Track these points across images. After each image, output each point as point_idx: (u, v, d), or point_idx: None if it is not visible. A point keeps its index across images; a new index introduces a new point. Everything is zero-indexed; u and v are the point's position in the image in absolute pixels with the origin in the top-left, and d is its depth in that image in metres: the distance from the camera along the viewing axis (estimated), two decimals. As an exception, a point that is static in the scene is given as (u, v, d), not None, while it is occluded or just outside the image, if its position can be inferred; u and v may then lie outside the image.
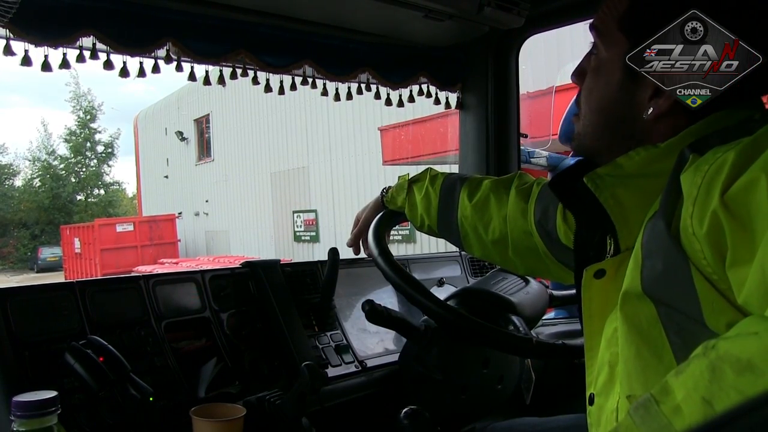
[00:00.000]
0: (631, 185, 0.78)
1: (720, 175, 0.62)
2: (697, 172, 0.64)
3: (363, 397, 1.52)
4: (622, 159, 0.80)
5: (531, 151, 2.31)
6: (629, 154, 0.80)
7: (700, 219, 0.62)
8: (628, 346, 0.73)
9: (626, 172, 0.79)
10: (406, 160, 10.70)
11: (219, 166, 19.79)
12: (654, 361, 0.69)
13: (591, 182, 0.80)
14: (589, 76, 0.88)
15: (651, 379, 0.68)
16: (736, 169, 0.61)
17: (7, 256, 31.37)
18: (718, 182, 0.61)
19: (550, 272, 1.28)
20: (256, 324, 1.48)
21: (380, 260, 1.35)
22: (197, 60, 1.57)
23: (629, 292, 0.73)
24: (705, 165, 0.64)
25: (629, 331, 0.72)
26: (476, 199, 1.34)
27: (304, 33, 1.75)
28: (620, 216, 0.78)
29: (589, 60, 0.89)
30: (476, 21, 1.73)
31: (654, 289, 0.69)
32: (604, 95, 0.85)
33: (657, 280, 0.68)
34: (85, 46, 1.41)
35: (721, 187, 0.61)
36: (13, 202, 32.15)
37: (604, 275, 0.80)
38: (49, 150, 32.57)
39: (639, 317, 0.71)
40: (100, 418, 1.11)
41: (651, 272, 0.69)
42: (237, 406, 1.16)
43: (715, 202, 0.61)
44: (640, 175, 0.78)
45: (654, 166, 0.78)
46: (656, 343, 0.69)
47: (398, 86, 1.99)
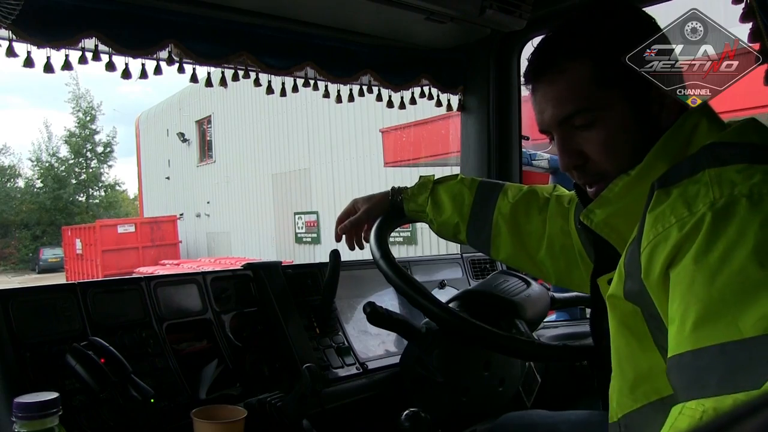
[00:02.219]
0: (619, 212, 0.91)
1: (664, 249, 0.76)
2: (655, 224, 0.79)
3: (364, 399, 1.52)
4: (605, 192, 0.92)
5: (532, 153, 2.31)
6: (609, 186, 0.91)
7: (650, 274, 0.79)
8: (618, 338, 0.90)
9: (611, 201, 0.91)
10: (408, 162, 10.70)
11: (220, 168, 19.80)
12: (639, 348, 0.87)
13: (586, 219, 0.94)
14: (593, 134, 0.93)
15: (638, 361, 0.88)
16: (675, 250, 0.75)
17: (8, 257, 31.40)
18: (662, 254, 0.77)
19: (573, 277, 1.31)
20: (258, 326, 1.48)
21: (382, 262, 1.35)
22: (199, 62, 1.58)
23: (615, 296, 0.89)
24: (659, 225, 0.78)
25: (619, 326, 0.90)
26: (517, 199, 1.38)
27: (305, 35, 1.75)
28: (617, 238, 0.92)
29: (573, 140, 0.95)
30: (478, 23, 1.73)
31: (635, 300, 0.85)
32: (622, 132, 0.92)
33: (635, 295, 0.84)
34: (87, 48, 1.42)
35: (663, 262, 0.76)
36: (14, 203, 32.19)
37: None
38: (51, 151, 32.66)
39: (626, 316, 0.88)
40: (101, 420, 1.11)
41: (631, 289, 0.85)
42: (238, 408, 1.16)
43: (658, 270, 0.77)
44: (622, 202, 0.90)
45: (633, 191, 0.89)
46: (640, 333, 0.87)
47: (400, 88, 1.99)
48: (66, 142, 32.45)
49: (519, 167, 2.13)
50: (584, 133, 0.93)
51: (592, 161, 0.95)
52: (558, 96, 0.94)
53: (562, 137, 0.96)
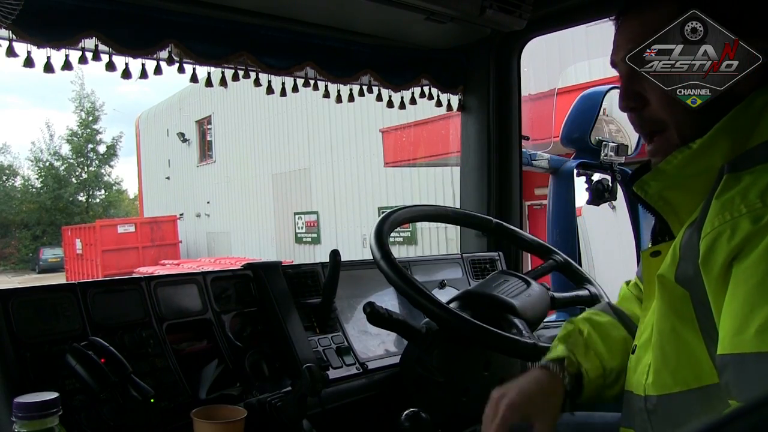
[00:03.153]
0: (674, 185, 0.89)
1: (731, 240, 0.75)
2: (722, 210, 0.77)
3: (364, 399, 1.52)
4: (662, 164, 0.89)
5: (533, 153, 2.30)
6: (667, 159, 0.89)
7: (709, 262, 0.78)
8: (663, 321, 0.88)
9: (668, 175, 0.89)
10: (408, 161, 10.71)
11: (220, 168, 19.79)
12: (685, 332, 0.85)
13: (640, 189, 0.91)
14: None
15: (681, 346, 0.86)
16: (743, 242, 0.74)
17: (8, 257, 31.38)
18: (728, 244, 0.75)
19: None
20: (258, 326, 1.48)
21: (382, 262, 1.35)
22: (199, 62, 1.58)
23: (665, 277, 0.87)
24: (727, 213, 0.76)
25: (666, 308, 0.88)
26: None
27: (305, 35, 1.75)
28: (669, 212, 0.90)
29: (638, 81, 0.91)
30: (478, 23, 1.73)
31: (685, 284, 0.84)
32: None
33: (688, 279, 0.83)
34: (87, 48, 1.42)
35: (728, 253, 0.75)
36: (14, 202, 32.17)
37: (659, 255, 0.93)
38: (52, 151, 32.66)
39: (674, 299, 0.86)
40: (101, 419, 1.11)
41: (684, 272, 0.84)
42: (238, 408, 1.16)
43: (720, 261, 0.76)
44: (680, 176, 0.88)
45: (691, 166, 0.87)
46: (686, 319, 0.85)
47: (400, 88, 1.99)
48: (68, 141, 32.46)
49: (519, 167, 2.13)
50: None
51: (651, 107, 0.91)
52: (638, 30, 0.90)
53: (628, 74, 0.92)
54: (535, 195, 6.14)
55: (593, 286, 1.62)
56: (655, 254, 0.94)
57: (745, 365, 0.71)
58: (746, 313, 0.71)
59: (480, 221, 1.84)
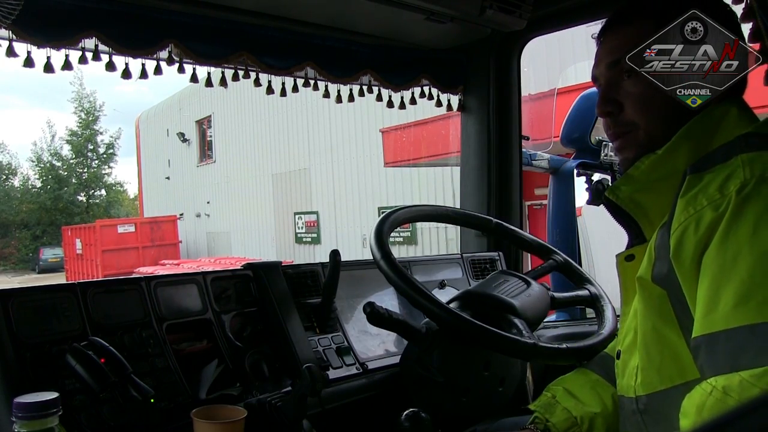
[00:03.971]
0: (643, 188, 0.96)
1: (697, 231, 0.80)
2: (686, 207, 0.82)
3: (364, 399, 1.52)
4: (631, 170, 0.96)
5: (533, 153, 2.30)
6: (635, 165, 0.96)
7: (680, 255, 0.82)
8: (644, 321, 0.93)
9: (637, 179, 0.96)
10: (408, 162, 10.71)
11: (220, 168, 19.80)
12: (666, 331, 0.90)
13: (612, 194, 0.99)
14: (634, 83, 0.98)
15: (664, 345, 0.90)
16: (708, 231, 0.79)
17: (8, 257, 31.40)
18: (695, 236, 0.80)
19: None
20: (258, 326, 1.48)
21: (382, 262, 1.35)
22: (199, 62, 1.58)
23: (643, 279, 0.92)
24: (690, 207, 0.81)
25: (646, 309, 0.93)
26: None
27: (305, 35, 1.75)
28: (640, 214, 0.97)
29: (615, 89, 1.01)
30: (478, 23, 1.73)
31: (662, 283, 0.88)
32: (660, 93, 0.95)
33: (663, 278, 0.88)
34: (87, 48, 1.42)
35: (696, 244, 0.80)
36: (14, 202, 32.17)
37: (633, 259, 1.00)
38: (53, 151, 32.65)
39: (653, 299, 0.91)
40: (101, 419, 1.11)
41: (659, 271, 0.88)
42: (238, 408, 1.16)
43: (690, 253, 0.80)
44: (648, 179, 0.95)
45: (658, 170, 0.94)
46: (666, 318, 0.89)
47: (400, 88, 1.99)
48: (68, 141, 32.45)
49: (519, 167, 2.13)
50: (627, 81, 0.98)
51: (626, 112, 0.99)
52: (617, 44, 1.00)
53: (607, 82, 1.02)
54: (535, 195, 6.14)
55: (593, 286, 1.62)
56: (629, 258, 1.01)
57: (716, 344, 0.74)
58: (713, 294, 0.75)
59: (480, 221, 1.84)
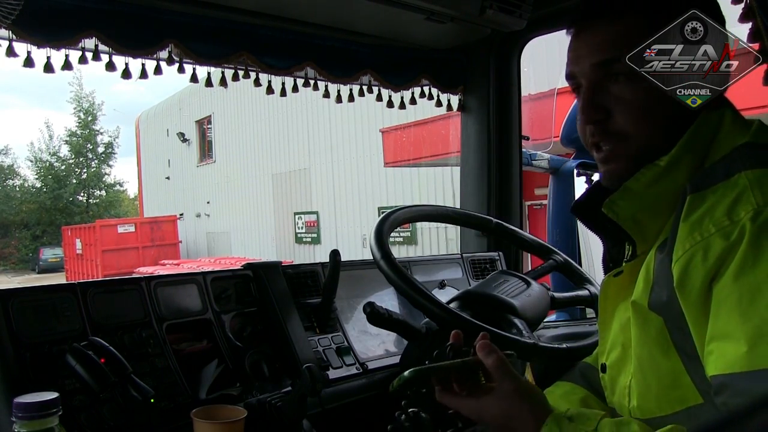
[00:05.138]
0: (644, 204, 0.87)
1: (706, 261, 0.74)
2: (691, 232, 0.76)
3: (364, 399, 1.52)
4: (630, 183, 0.87)
5: (533, 153, 2.31)
6: (635, 176, 0.86)
7: (686, 286, 0.76)
8: (640, 347, 0.86)
9: (637, 193, 0.86)
10: (408, 162, 10.70)
11: (220, 168, 19.80)
12: (663, 359, 0.83)
13: (610, 211, 0.89)
14: (627, 88, 0.87)
15: (662, 372, 0.84)
16: (719, 262, 0.73)
17: (8, 257, 31.39)
18: (703, 266, 0.74)
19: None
20: (258, 326, 1.48)
21: (382, 262, 1.35)
22: (199, 62, 1.58)
23: (639, 304, 0.85)
24: (697, 234, 0.75)
25: (641, 335, 0.86)
26: None
27: (305, 35, 1.75)
28: (638, 232, 0.89)
29: (603, 93, 0.88)
30: (478, 23, 1.73)
31: (660, 310, 0.82)
32: (656, 98, 0.86)
33: (661, 305, 0.82)
34: (87, 48, 1.42)
35: (705, 275, 0.74)
36: (14, 202, 32.17)
37: (621, 274, 0.94)
38: (52, 151, 32.66)
39: (649, 327, 0.84)
40: (101, 420, 1.11)
41: (658, 298, 0.82)
42: (238, 408, 1.16)
43: (698, 284, 0.74)
44: (648, 194, 0.86)
45: (659, 184, 0.85)
46: (663, 345, 0.83)
47: (400, 88, 1.99)
48: (67, 142, 32.45)
49: (519, 167, 2.13)
50: (618, 85, 0.87)
51: (614, 120, 0.87)
52: (606, 39, 0.87)
53: (592, 85, 0.89)
54: (535, 195, 6.15)
55: (593, 286, 1.62)
56: (617, 274, 0.95)
57: (739, 384, 0.70)
58: (730, 331, 0.71)
59: (480, 221, 1.84)
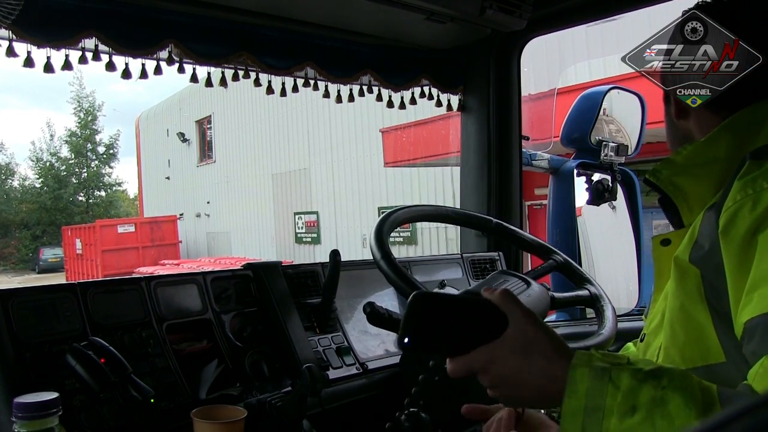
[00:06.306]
0: (685, 173, 0.97)
1: (753, 211, 0.79)
2: (744, 187, 0.82)
3: (364, 399, 1.52)
4: (672, 155, 0.98)
5: (533, 153, 2.30)
6: (678, 150, 0.98)
7: (730, 232, 0.81)
8: (673, 300, 0.92)
9: (678, 164, 0.97)
10: (408, 162, 10.71)
11: (220, 168, 19.80)
12: (694, 311, 0.88)
13: (652, 176, 0.99)
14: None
15: (690, 325, 0.88)
16: (766, 213, 0.78)
17: (8, 257, 31.40)
18: (750, 215, 0.79)
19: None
20: (258, 326, 1.48)
21: (382, 262, 1.35)
22: (199, 62, 1.58)
23: (680, 258, 0.92)
24: (749, 188, 0.81)
25: (677, 288, 0.92)
26: None
27: (305, 35, 1.75)
28: (680, 198, 0.97)
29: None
30: (478, 23, 1.73)
31: (698, 263, 0.88)
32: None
33: (701, 258, 0.87)
34: (87, 48, 1.41)
35: (751, 223, 0.78)
36: (14, 202, 32.19)
37: (669, 244, 0.99)
38: (52, 151, 32.66)
39: (686, 280, 0.90)
40: (101, 420, 1.11)
41: (699, 250, 0.88)
42: (238, 408, 1.16)
43: (743, 231, 0.79)
44: (690, 165, 0.96)
45: (700, 156, 0.95)
46: (697, 298, 0.88)
47: (400, 88, 1.99)
48: (67, 142, 32.46)
49: (519, 167, 2.13)
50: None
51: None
52: None
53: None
54: (535, 195, 6.14)
55: (593, 286, 1.62)
56: (665, 242, 1.00)
57: None
58: None
59: (480, 221, 1.84)
